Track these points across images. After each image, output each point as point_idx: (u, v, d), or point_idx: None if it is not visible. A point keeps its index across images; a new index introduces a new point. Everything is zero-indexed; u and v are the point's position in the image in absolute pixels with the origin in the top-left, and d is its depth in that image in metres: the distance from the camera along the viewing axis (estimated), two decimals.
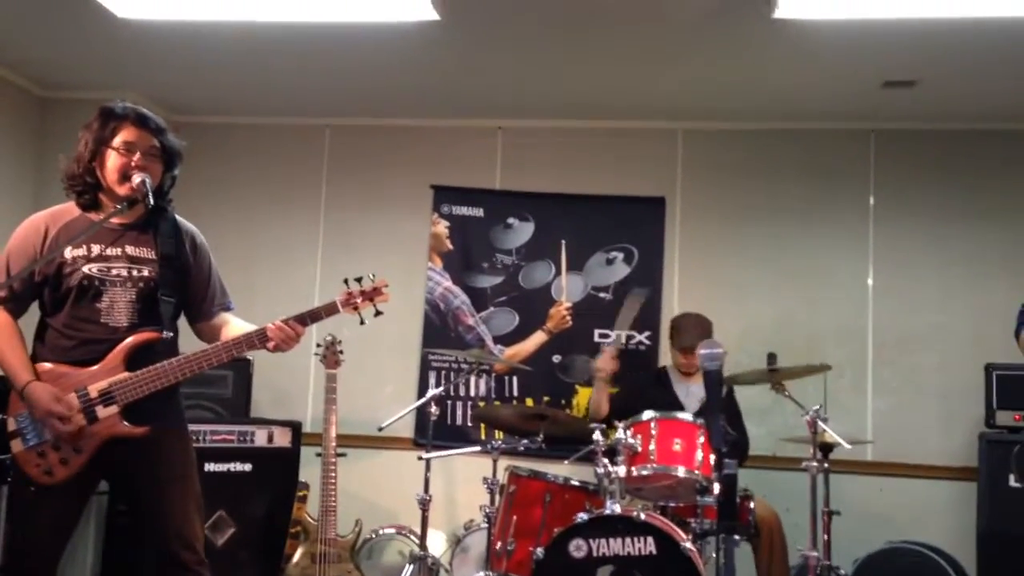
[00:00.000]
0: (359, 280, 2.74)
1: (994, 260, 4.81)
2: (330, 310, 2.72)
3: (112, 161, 2.62)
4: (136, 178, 2.61)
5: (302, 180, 5.45)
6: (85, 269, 2.61)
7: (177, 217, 2.80)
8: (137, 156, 2.63)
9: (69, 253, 2.61)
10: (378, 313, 2.73)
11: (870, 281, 5.01)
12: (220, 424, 4.19)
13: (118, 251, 2.65)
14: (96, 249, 2.63)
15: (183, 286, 2.76)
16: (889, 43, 4.02)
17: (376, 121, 5.41)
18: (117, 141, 2.62)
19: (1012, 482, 4.25)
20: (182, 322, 2.85)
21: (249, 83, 4.95)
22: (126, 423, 2.57)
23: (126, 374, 2.57)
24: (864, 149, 5.07)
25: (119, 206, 2.62)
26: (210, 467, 4.04)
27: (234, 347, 2.68)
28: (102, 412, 2.55)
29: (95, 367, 2.58)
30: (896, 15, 3.70)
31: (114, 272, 2.64)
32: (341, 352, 4.30)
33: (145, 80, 4.89)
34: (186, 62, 4.65)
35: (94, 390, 2.55)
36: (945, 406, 4.79)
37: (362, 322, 2.74)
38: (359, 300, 2.73)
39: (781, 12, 3.68)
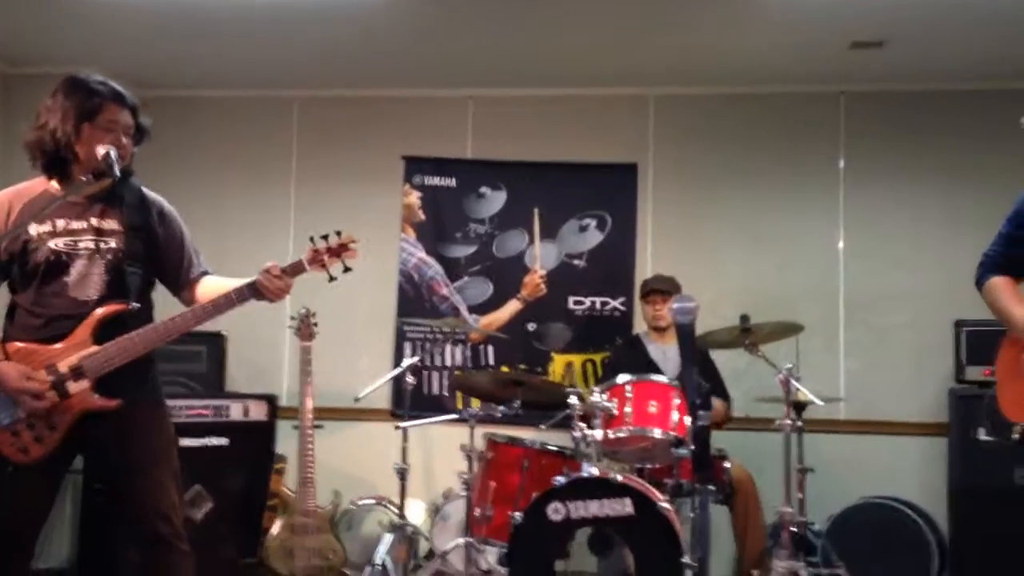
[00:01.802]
0: (325, 237, 2.68)
1: (964, 218, 4.86)
2: (297, 268, 2.67)
3: (93, 138, 2.58)
4: (101, 150, 2.57)
5: (272, 153, 5.41)
6: (51, 244, 2.57)
7: (143, 189, 2.76)
8: (120, 135, 2.60)
9: (34, 230, 2.57)
10: (347, 269, 2.67)
11: (841, 242, 5.05)
12: (195, 399, 4.16)
13: (84, 224, 2.61)
14: (61, 224, 2.59)
15: (152, 257, 2.71)
16: (856, 4, 4.03)
17: (346, 92, 5.36)
18: (100, 119, 2.59)
19: (981, 436, 4.32)
20: (163, 294, 2.81)
21: (216, 56, 4.88)
22: (98, 397, 2.54)
23: (95, 348, 2.54)
24: (834, 111, 5.09)
25: (84, 178, 2.58)
26: (186, 442, 4.00)
27: (218, 306, 2.63)
28: (73, 387, 2.52)
29: (63, 343, 2.55)
30: None
31: (81, 246, 2.60)
32: (315, 324, 4.28)
33: (111, 54, 4.79)
34: (152, 36, 4.57)
35: (64, 365, 2.52)
36: (916, 363, 4.85)
37: (331, 279, 2.67)
38: (326, 256, 2.67)
39: None
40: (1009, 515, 4.16)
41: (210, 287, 2.76)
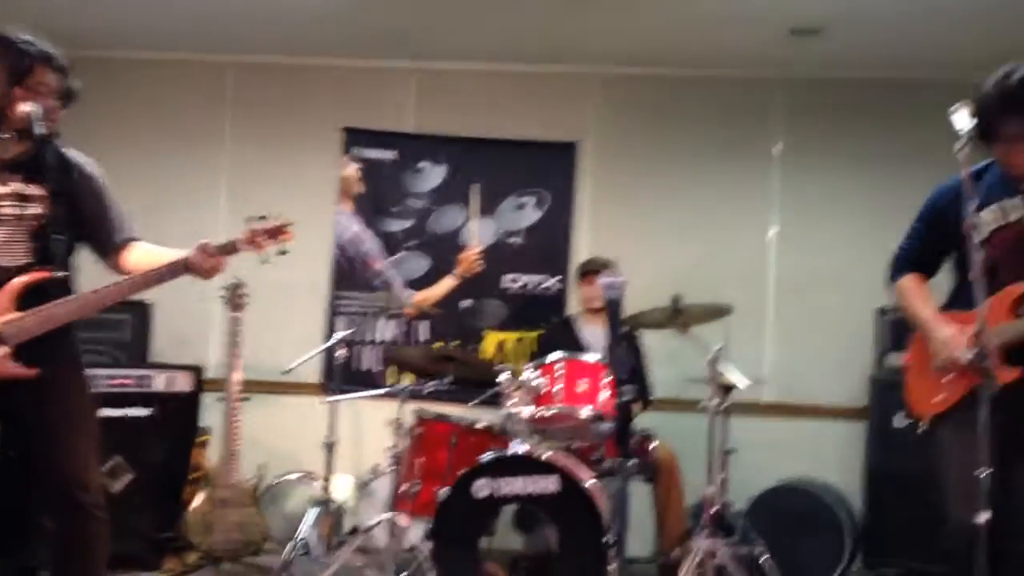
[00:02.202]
0: (263, 218, 2.66)
1: (894, 207, 4.80)
2: (229, 248, 2.64)
3: (24, 100, 2.52)
4: (24, 107, 2.50)
5: (205, 119, 5.29)
6: None
7: (64, 150, 2.68)
8: (48, 98, 2.55)
9: None
10: (282, 252, 2.66)
11: (774, 227, 5.12)
12: (118, 368, 4.07)
13: (7, 189, 2.55)
14: None
15: (76, 222, 2.66)
16: None
17: (285, 59, 5.27)
18: (33, 81, 2.54)
19: (897, 423, 4.44)
20: (88, 260, 2.75)
21: (150, 16, 4.74)
22: (17, 364, 2.48)
23: (16, 314, 2.49)
24: (772, 97, 5.15)
25: (7, 135, 2.51)
26: (107, 412, 3.92)
27: (148, 280, 2.59)
28: None
29: None
30: None
31: (4, 212, 2.55)
32: (246, 295, 4.21)
33: (39, 10, 4.62)
34: None
35: None
36: (839, 349, 4.95)
37: (264, 260, 2.66)
38: (262, 238, 2.65)
39: None
40: (920, 499, 4.27)
41: (139, 256, 2.71)
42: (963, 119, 2.35)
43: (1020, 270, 2.54)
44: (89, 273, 2.72)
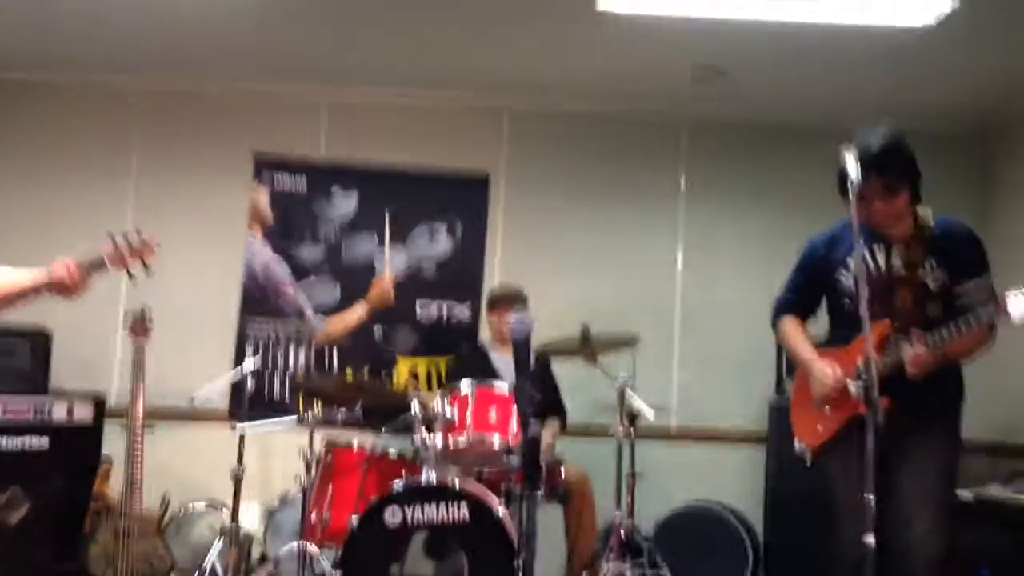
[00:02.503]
0: (125, 236, 2.68)
1: (791, 242, 5.11)
2: (97, 263, 2.63)
3: None
4: None
5: (110, 145, 5.18)
6: None
7: None
8: None
9: None
10: (147, 268, 2.71)
11: (679, 259, 5.30)
12: (14, 395, 3.93)
13: None
14: None
15: None
16: (702, 38, 4.26)
17: (194, 85, 5.21)
18: None
19: (796, 447, 4.62)
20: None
21: (53, 37, 4.62)
22: None
23: None
24: (677, 135, 5.35)
25: None
26: (2, 442, 3.81)
27: (10, 298, 2.58)
28: None
29: None
30: (709, 14, 3.93)
31: None
32: (151, 321, 4.12)
33: None
34: None
35: None
36: (741, 377, 5.13)
37: (130, 276, 2.70)
38: (127, 255, 2.66)
39: (604, 5, 3.85)
40: (817, 519, 4.45)
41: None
42: (852, 163, 2.52)
43: (884, 308, 2.78)
44: None
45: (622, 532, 3.88)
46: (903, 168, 2.77)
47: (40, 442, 3.92)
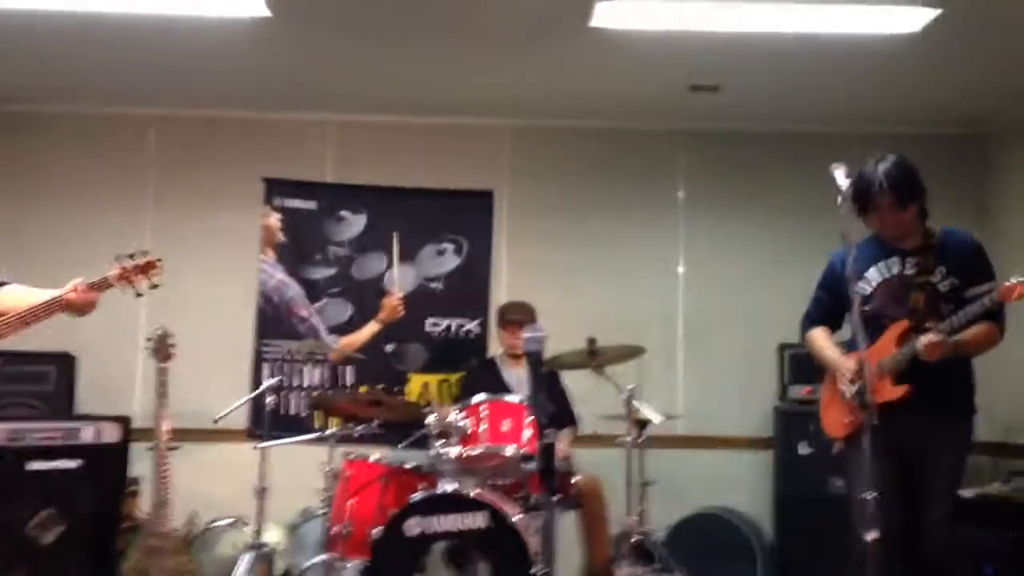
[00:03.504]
0: (131, 256, 2.89)
1: (788, 249, 5.30)
2: (103, 283, 2.82)
3: None
4: None
5: (128, 173, 5.33)
6: None
7: None
8: None
9: None
10: (154, 286, 2.91)
11: (681, 269, 5.43)
12: (45, 421, 4.07)
13: None
14: None
15: None
16: (694, 52, 4.39)
17: (205, 113, 5.35)
18: None
19: (801, 449, 4.76)
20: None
21: (70, 70, 4.78)
22: None
23: None
24: (674, 147, 5.49)
25: None
26: (35, 465, 3.94)
27: (25, 319, 2.72)
28: None
29: None
30: (700, 27, 4.06)
31: None
32: (172, 345, 4.25)
33: None
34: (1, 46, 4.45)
35: None
36: (745, 383, 5.25)
37: (138, 295, 2.90)
38: (132, 274, 2.86)
39: (596, 21, 3.95)
40: (825, 520, 4.55)
41: (13, 297, 2.82)
42: (842, 177, 2.74)
43: (900, 312, 3.14)
44: None
45: (635, 538, 3.98)
46: (910, 184, 3.09)
47: (71, 464, 4.05)
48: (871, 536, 2.57)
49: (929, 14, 3.91)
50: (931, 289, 3.12)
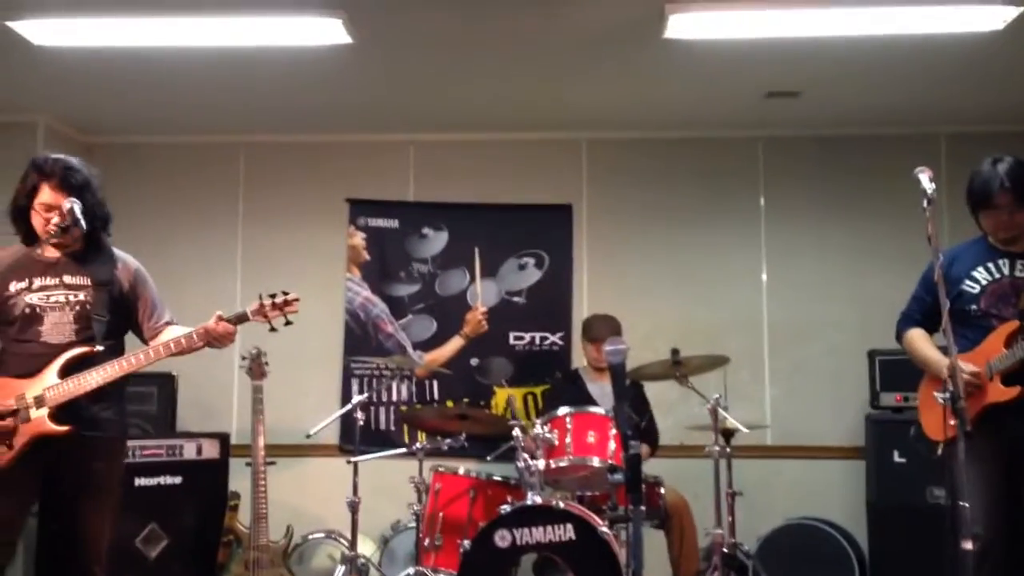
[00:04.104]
0: (273, 296, 3.06)
1: (873, 253, 5.21)
2: (241, 318, 3.03)
3: (35, 219, 2.93)
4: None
5: (219, 198, 5.54)
6: (27, 299, 2.91)
7: (114, 249, 3.10)
8: (54, 218, 2.89)
9: (13, 287, 2.92)
10: (288, 323, 3.07)
11: (764, 277, 5.37)
12: (149, 439, 4.27)
13: (56, 280, 2.95)
14: (37, 281, 2.94)
15: (118, 307, 3.03)
16: (771, 59, 4.35)
17: (291, 138, 5.52)
18: (37, 201, 2.92)
19: (896, 458, 4.65)
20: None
21: (163, 103, 4.99)
22: (51, 423, 2.83)
23: (57, 381, 2.86)
24: (753, 154, 5.44)
25: (53, 231, 2.89)
26: (141, 481, 4.14)
27: (168, 349, 2.96)
28: (34, 413, 2.83)
29: (34, 378, 2.86)
30: (776, 34, 4.03)
31: (52, 299, 2.93)
32: (266, 363, 4.41)
33: (59, 103, 4.92)
34: (100, 86, 4.69)
35: (30, 396, 2.84)
36: (834, 390, 5.16)
37: (272, 329, 3.07)
38: (269, 311, 3.04)
39: (670, 33, 3.97)
40: (922, 530, 4.45)
41: (170, 335, 3.06)
42: (927, 180, 2.71)
43: (1009, 313, 3.10)
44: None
45: (724, 550, 3.95)
46: None
47: (174, 480, 4.24)
48: (967, 545, 2.52)
49: (1012, 12, 3.81)
50: None
